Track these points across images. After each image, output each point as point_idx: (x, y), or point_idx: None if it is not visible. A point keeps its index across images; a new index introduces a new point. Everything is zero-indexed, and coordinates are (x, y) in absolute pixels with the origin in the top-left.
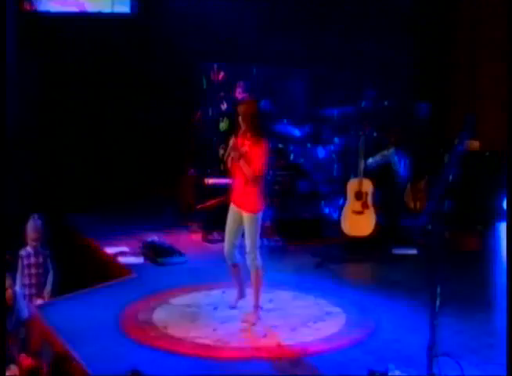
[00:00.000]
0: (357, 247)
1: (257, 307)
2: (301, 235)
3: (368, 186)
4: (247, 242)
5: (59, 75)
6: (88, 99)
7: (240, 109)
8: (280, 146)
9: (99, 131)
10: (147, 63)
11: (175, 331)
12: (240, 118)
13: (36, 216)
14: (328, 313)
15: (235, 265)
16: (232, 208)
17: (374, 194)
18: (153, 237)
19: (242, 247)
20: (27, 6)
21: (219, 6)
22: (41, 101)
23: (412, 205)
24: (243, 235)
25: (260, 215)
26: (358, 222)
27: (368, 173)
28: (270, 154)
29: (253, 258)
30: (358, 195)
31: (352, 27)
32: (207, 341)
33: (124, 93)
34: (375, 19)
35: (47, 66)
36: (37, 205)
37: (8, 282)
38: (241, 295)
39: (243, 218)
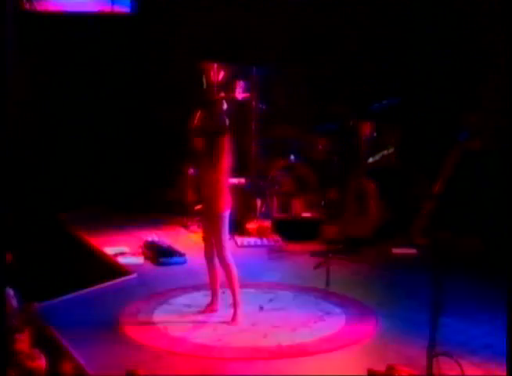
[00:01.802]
0: (357, 247)
1: (235, 305)
2: (300, 235)
3: (368, 186)
4: (214, 242)
5: (58, 75)
6: (87, 99)
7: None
8: (280, 145)
9: (99, 130)
10: (147, 63)
11: (175, 331)
12: (204, 116)
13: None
14: (328, 313)
15: (212, 265)
16: (203, 207)
17: (374, 194)
18: (153, 237)
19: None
20: (27, 6)
21: (219, 6)
22: (41, 100)
23: (412, 205)
24: None
25: (224, 214)
26: (358, 222)
27: (368, 173)
28: (231, 152)
29: (221, 259)
30: (359, 195)
31: (351, 25)
32: (207, 341)
33: (124, 93)
34: (374, 16)
35: (46, 65)
36: (36, 204)
37: None
38: (214, 297)
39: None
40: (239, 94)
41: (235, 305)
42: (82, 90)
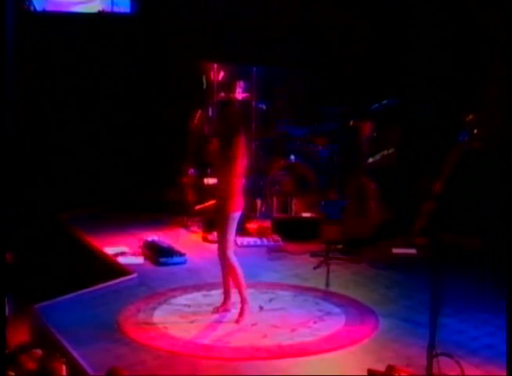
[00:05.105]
0: (357, 247)
1: (243, 302)
2: (300, 235)
3: (368, 186)
4: (219, 242)
5: (58, 75)
6: (87, 99)
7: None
8: (280, 145)
9: (99, 130)
10: (147, 63)
11: (175, 331)
12: (223, 119)
13: None
14: (328, 313)
15: (223, 263)
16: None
17: (374, 194)
18: (153, 237)
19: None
20: (26, 6)
21: (219, 6)
22: (40, 101)
23: (412, 205)
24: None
25: (233, 215)
26: (358, 222)
27: (368, 173)
28: (245, 154)
29: (224, 258)
30: (359, 195)
31: (351, 25)
32: (207, 341)
33: (124, 93)
34: (375, 17)
35: (46, 65)
36: (36, 204)
37: None
38: (226, 297)
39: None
40: (239, 94)
41: (242, 301)
42: (82, 90)
